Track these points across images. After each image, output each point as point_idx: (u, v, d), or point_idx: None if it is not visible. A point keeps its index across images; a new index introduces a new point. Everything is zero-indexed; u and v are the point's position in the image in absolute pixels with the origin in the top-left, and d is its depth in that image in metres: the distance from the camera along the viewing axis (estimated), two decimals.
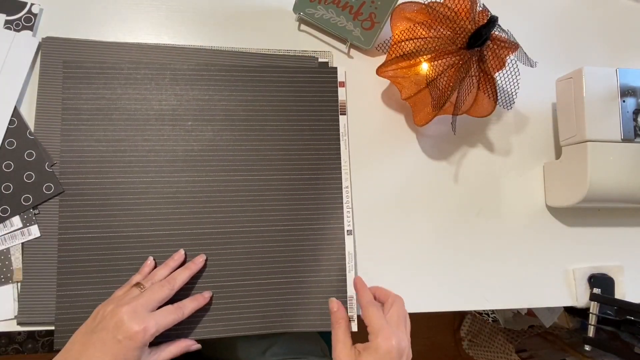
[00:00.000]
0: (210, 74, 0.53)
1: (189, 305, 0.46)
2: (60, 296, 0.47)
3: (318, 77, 0.55)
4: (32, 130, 0.49)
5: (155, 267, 0.49)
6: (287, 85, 0.54)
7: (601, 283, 0.58)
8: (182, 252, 0.49)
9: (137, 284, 0.44)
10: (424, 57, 0.49)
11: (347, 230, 0.53)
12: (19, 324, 0.47)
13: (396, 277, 0.55)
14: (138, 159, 0.50)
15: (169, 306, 0.44)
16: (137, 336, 0.39)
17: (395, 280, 0.55)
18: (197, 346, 0.48)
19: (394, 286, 0.55)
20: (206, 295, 0.48)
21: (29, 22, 0.51)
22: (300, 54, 0.57)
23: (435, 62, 0.49)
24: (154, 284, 0.45)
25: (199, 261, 0.49)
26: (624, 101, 0.53)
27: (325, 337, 0.67)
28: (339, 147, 0.55)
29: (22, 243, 0.48)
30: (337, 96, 0.56)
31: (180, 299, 0.46)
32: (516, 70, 0.51)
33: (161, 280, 0.45)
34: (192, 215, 0.51)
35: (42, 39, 0.51)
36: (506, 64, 0.50)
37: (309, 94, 0.55)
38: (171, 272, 0.47)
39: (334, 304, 0.49)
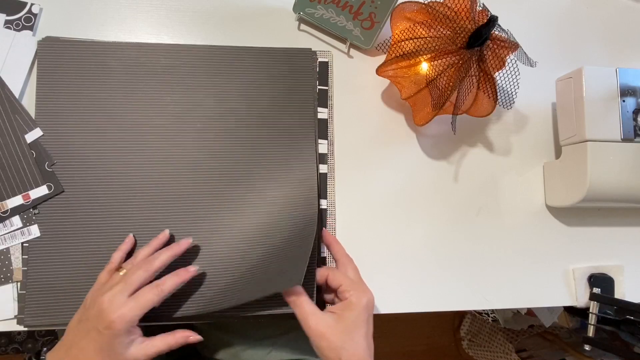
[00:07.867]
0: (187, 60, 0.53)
1: (169, 282, 0.42)
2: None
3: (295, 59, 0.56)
4: None
5: (135, 244, 0.48)
6: (263, 69, 0.55)
7: (601, 283, 0.58)
8: (166, 232, 0.48)
9: (119, 269, 0.44)
10: (424, 56, 0.49)
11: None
12: (18, 323, 0.47)
13: (396, 276, 0.55)
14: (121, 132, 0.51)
15: (147, 286, 0.42)
16: (113, 325, 0.38)
17: (395, 279, 0.55)
18: (197, 337, 0.44)
19: (394, 285, 0.55)
20: (191, 269, 0.45)
21: (29, 22, 0.51)
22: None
23: (435, 62, 0.49)
24: (133, 265, 0.43)
25: (183, 244, 0.46)
26: (623, 101, 0.53)
27: None
28: (314, 135, 0.55)
29: (22, 243, 0.48)
30: (313, 79, 0.56)
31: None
32: (516, 70, 0.51)
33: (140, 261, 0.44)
34: (177, 192, 0.51)
35: (41, 38, 0.51)
36: (506, 64, 0.50)
37: (284, 77, 0.55)
38: (154, 253, 0.45)
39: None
